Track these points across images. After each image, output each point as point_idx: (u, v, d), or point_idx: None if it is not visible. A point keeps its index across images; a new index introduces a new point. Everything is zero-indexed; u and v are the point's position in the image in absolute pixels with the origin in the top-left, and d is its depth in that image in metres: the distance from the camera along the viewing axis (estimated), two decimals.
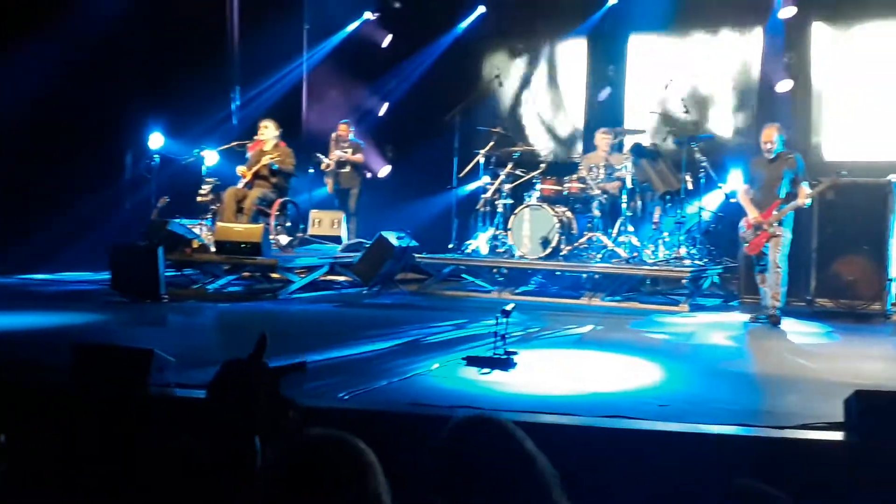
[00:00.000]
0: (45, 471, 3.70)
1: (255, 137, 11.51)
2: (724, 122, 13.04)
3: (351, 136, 13.08)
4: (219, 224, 10.69)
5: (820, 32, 12.53)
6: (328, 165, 12.80)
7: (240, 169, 11.42)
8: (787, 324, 8.70)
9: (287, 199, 11.55)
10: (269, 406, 2.71)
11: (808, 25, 12.51)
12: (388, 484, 1.97)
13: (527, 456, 2.25)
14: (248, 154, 11.57)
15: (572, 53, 14.04)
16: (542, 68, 14.30)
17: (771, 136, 8.96)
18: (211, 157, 11.66)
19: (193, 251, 10.68)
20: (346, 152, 12.86)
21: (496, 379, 5.84)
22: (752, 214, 8.89)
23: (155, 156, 12.04)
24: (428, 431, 4.44)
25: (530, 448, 2.28)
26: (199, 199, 11.43)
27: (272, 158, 11.17)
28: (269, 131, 11.39)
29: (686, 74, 12.93)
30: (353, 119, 13.56)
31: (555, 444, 4.25)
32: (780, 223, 8.76)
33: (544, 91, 14.34)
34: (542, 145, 13.86)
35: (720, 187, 11.24)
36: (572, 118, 14.12)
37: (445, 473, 2.22)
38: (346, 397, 5.08)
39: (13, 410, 4.30)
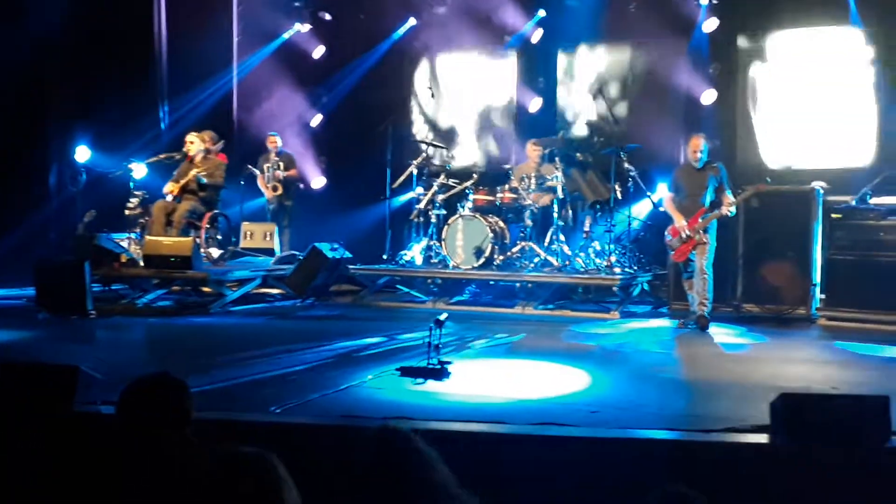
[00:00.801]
0: None
1: (184, 150, 11.34)
2: (651, 133, 13.25)
3: (279, 147, 12.98)
4: (147, 238, 10.53)
5: (743, 44, 12.83)
6: (269, 193, 12.63)
7: (167, 188, 11.22)
8: (715, 329, 8.86)
9: (218, 211, 11.41)
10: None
11: (731, 37, 12.80)
12: (300, 498, 1.97)
13: (423, 464, 2.27)
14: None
15: (503, 65, 14.16)
16: (473, 79, 14.38)
17: (699, 145, 9.15)
18: (139, 170, 11.46)
19: (121, 266, 10.50)
20: (278, 166, 12.70)
21: (430, 389, 5.85)
22: (679, 222, 9.06)
23: (81, 169, 11.81)
24: (359, 443, 4.45)
25: (428, 456, 2.30)
26: (127, 212, 11.22)
27: (199, 172, 11.03)
28: (195, 145, 11.24)
29: (614, 86, 13.15)
30: (285, 130, 13.46)
31: (488, 452, 4.30)
32: (706, 230, 8.94)
33: (476, 102, 14.42)
34: (475, 156, 13.94)
35: (649, 196, 11.44)
36: (504, 129, 14.22)
37: (356, 483, 2.25)
38: (278, 411, 5.04)
39: None
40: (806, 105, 12.26)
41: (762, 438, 4.38)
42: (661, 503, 2.32)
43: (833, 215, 9.47)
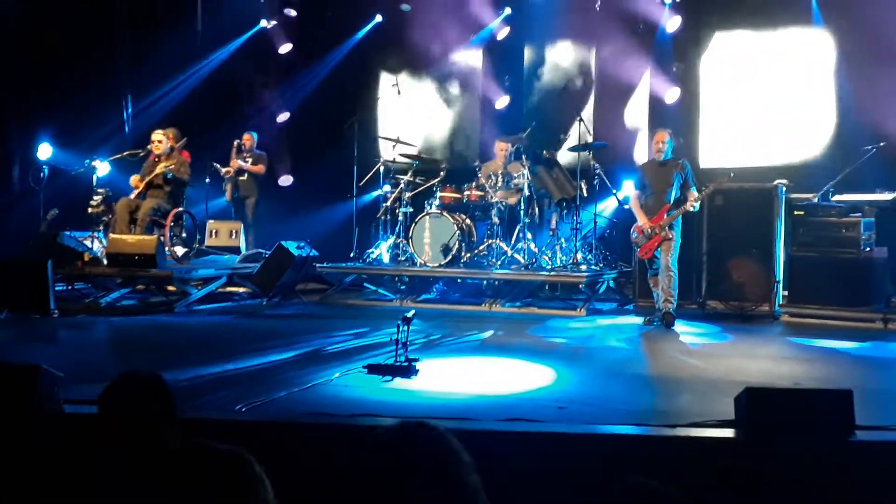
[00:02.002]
0: None
1: (149, 147, 11.23)
2: (616, 130, 13.33)
3: (254, 146, 12.96)
4: (111, 236, 10.41)
5: (706, 43, 12.94)
6: (228, 172, 12.63)
7: (133, 180, 11.12)
8: (680, 326, 8.93)
9: (182, 209, 11.30)
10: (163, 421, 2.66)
11: (694, 36, 12.92)
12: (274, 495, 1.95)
13: (462, 463, 2.24)
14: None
15: (469, 62, 14.18)
16: (440, 77, 14.39)
17: (663, 138, 9.22)
18: (102, 168, 11.34)
19: (85, 264, 10.37)
20: (246, 161, 12.71)
21: (398, 386, 5.84)
22: (642, 220, 9.12)
23: (43, 167, 11.66)
24: (327, 439, 4.43)
25: (465, 457, 2.26)
26: (90, 210, 11.08)
27: (166, 166, 10.92)
28: (161, 143, 11.12)
29: (580, 83, 13.23)
30: (251, 127, 13.40)
31: None
32: (671, 227, 9.00)
33: (442, 99, 14.43)
34: (441, 153, 13.95)
35: (614, 194, 11.50)
36: (470, 126, 14.25)
37: (381, 477, 2.19)
38: (244, 409, 5.00)
39: None
40: (768, 103, 12.40)
41: (727, 433, 4.41)
42: (625, 495, 2.32)
43: (796, 212, 9.59)
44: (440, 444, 2.21)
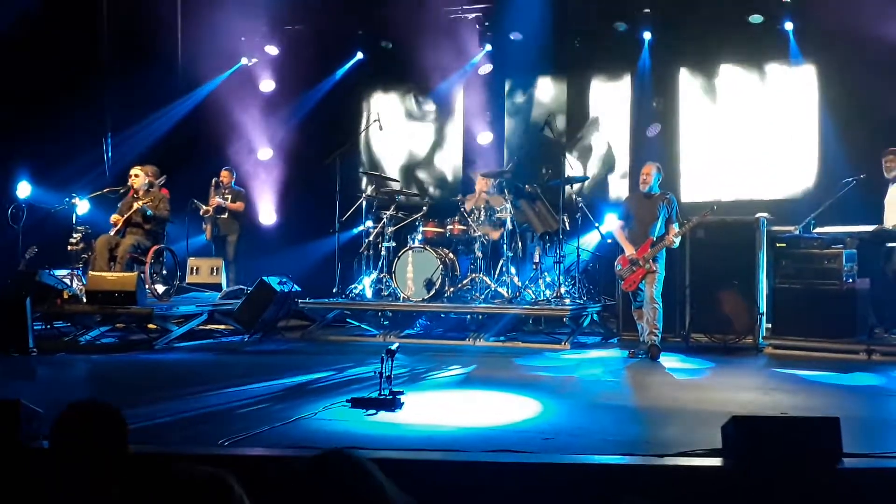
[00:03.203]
0: None
1: (128, 184, 11.17)
2: (597, 165, 13.42)
3: (233, 182, 12.94)
4: (91, 273, 10.30)
5: (686, 78, 13.07)
6: (207, 211, 12.58)
7: (113, 217, 11.04)
8: (665, 359, 8.91)
9: (163, 246, 11.22)
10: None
11: (673, 72, 13.05)
12: None
13: (376, 487, 2.23)
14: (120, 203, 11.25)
15: (451, 97, 14.25)
16: (421, 112, 14.46)
17: (650, 171, 9.26)
18: (82, 206, 11.26)
19: (64, 302, 10.26)
20: (226, 198, 12.69)
21: (382, 419, 5.78)
22: (629, 251, 9.13)
23: (22, 205, 11.58)
24: (281, 473, 4.35)
25: (379, 480, 2.26)
26: (69, 248, 11.00)
27: (144, 203, 10.86)
28: (139, 179, 11.07)
29: (561, 119, 13.34)
30: (233, 165, 13.39)
31: (442, 480, 4.23)
32: (655, 259, 9.01)
33: (424, 134, 14.49)
34: (424, 188, 13.96)
35: (597, 227, 11.51)
36: (452, 161, 14.29)
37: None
38: (227, 444, 4.92)
39: None
40: (749, 137, 12.51)
41: (715, 462, 4.37)
42: None
43: (778, 245, 9.61)
44: (357, 470, 2.21)
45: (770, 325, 9.70)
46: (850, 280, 9.22)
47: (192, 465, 1.98)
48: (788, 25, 12.09)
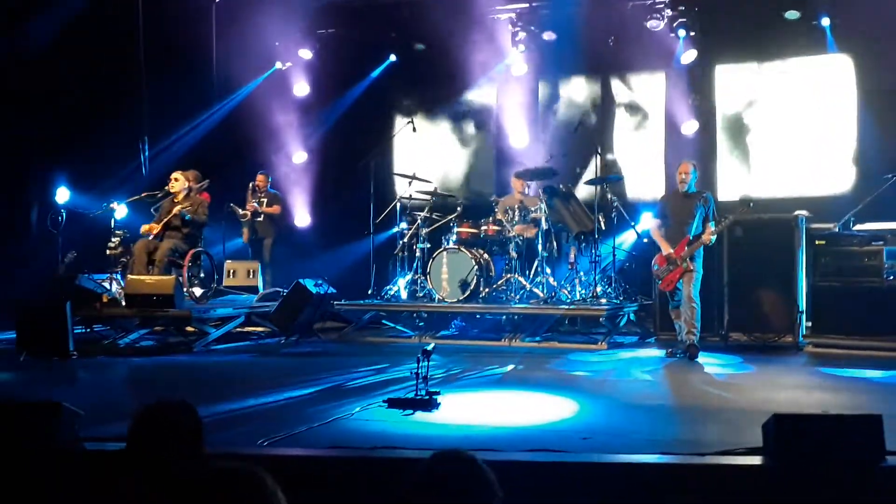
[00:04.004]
0: None
1: (166, 188, 11.28)
2: (633, 164, 13.34)
3: (269, 186, 13.02)
4: (129, 277, 10.40)
5: (722, 75, 12.96)
6: (245, 215, 12.66)
7: (144, 228, 11.11)
8: (703, 358, 8.82)
9: (200, 249, 11.31)
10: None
11: (710, 68, 12.95)
12: None
13: (494, 494, 2.27)
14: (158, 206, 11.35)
15: (484, 99, 14.25)
16: (455, 113, 14.48)
17: (687, 170, 9.18)
18: (120, 210, 11.39)
19: (103, 306, 10.37)
20: (262, 202, 12.76)
21: (419, 419, 5.78)
22: (666, 250, 9.05)
23: (61, 210, 11.73)
24: (349, 472, 4.37)
25: (497, 488, 2.29)
26: (108, 252, 11.14)
27: (183, 208, 10.96)
28: (179, 183, 11.17)
29: (595, 118, 13.28)
30: (268, 169, 13.48)
31: None
32: (692, 258, 8.93)
33: (458, 136, 14.50)
34: (458, 189, 13.96)
35: (633, 226, 11.45)
36: (486, 162, 14.28)
37: None
38: (266, 444, 4.95)
39: None
40: (786, 133, 12.38)
41: (755, 460, 4.33)
42: None
43: (817, 242, 9.50)
44: (473, 472, 2.23)
45: (810, 324, 9.57)
46: (892, 277, 9.09)
47: (224, 460, 2.00)
48: (825, 21, 11.96)
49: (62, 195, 12.16)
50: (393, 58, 14.37)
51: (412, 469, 2.26)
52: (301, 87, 14.70)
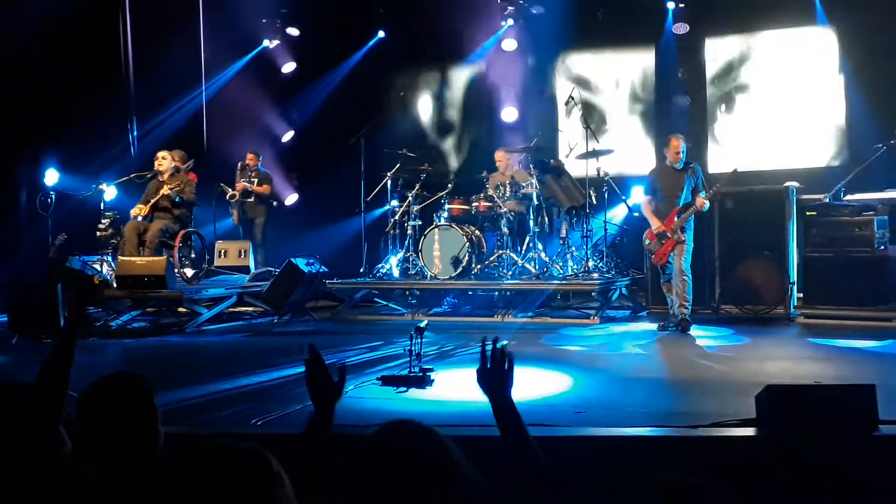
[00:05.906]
0: None
1: (154, 168, 11.21)
2: (623, 137, 13.30)
3: (259, 165, 12.95)
4: (120, 258, 10.37)
5: (711, 47, 12.93)
6: (234, 195, 12.60)
7: (134, 211, 11.05)
8: (695, 330, 8.86)
9: (191, 230, 11.27)
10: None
11: (699, 41, 12.91)
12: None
13: (453, 462, 2.19)
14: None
15: (475, 74, 14.18)
16: (444, 89, 14.41)
17: (678, 146, 9.16)
18: (110, 192, 11.35)
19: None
20: (252, 182, 12.70)
21: (413, 396, 5.79)
22: (655, 225, 9.06)
23: (50, 192, 11.67)
24: (343, 449, 4.36)
25: (457, 456, 2.21)
26: (98, 234, 11.09)
27: (171, 188, 10.90)
28: (167, 161, 11.11)
29: (585, 92, 13.23)
30: (256, 147, 13.41)
31: (475, 454, 4.22)
32: (683, 230, 8.93)
33: (447, 112, 14.44)
34: (448, 165, 13.92)
35: (624, 200, 11.44)
36: (476, 137, 14.22)
37: (369, 476, 2.15)
38: (259, 423, 4.95)
39: None
40: (775, 105, 12.36)
41: (749, 431, 4.34)
42: (666, 492, 2.25)
43: (808, 213, 9.52)
44: (426, 438, 2.17)
45: (801, 295, 9.61)
46: (882, 247, 9.12)
47: (230, 440, 1.99)
48: None
49: (51, 177, 12.11)
50: (381, 34, 14.29)
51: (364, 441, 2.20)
52: (289, 65, 14.62)
